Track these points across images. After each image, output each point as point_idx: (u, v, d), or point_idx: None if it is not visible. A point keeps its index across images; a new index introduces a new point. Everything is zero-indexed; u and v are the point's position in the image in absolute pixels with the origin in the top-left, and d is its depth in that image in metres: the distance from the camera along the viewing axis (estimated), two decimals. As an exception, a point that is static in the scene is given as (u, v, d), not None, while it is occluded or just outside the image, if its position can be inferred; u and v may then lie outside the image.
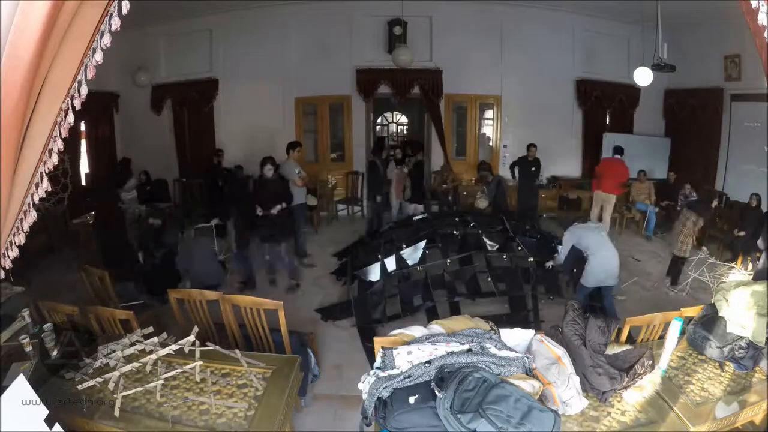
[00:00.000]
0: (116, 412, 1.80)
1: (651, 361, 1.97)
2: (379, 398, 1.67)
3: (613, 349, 2.10)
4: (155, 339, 2.09)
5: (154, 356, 1.98)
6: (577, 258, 3.79)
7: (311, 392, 2.87)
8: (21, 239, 1.32)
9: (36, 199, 1.28)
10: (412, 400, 1.63)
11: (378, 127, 11.87)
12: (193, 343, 1.97)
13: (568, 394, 1.77)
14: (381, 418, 1.66)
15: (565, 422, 1.73)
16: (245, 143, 7.09)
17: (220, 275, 4.54)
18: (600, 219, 6.02)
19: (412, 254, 4.30)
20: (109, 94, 7.18)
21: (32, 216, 1.30)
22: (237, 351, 2.09)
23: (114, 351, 2.09)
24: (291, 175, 4.77)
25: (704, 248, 5.21)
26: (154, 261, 4.17)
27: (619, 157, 5.86)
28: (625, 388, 1.89)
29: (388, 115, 12.37)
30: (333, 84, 7.03)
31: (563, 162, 7.38)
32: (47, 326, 2.22)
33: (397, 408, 1.62)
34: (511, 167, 6.40)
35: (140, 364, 1.97)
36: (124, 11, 1.13)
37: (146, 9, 5.58)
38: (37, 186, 1.26)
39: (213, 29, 7.02)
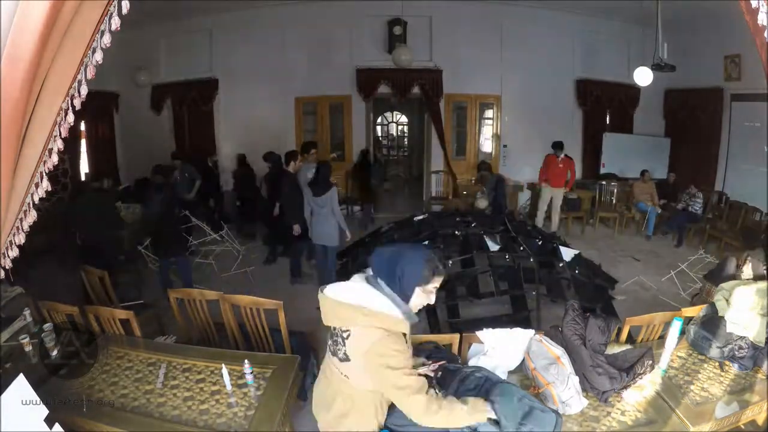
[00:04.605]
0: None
1: (651, 361, 1.96)
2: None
3: (613, 349, 2.09)
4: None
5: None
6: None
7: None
8: (21, 239, 1.32)
9: (36, 198, 1.28)
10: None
11: (378, 127, 11.89)
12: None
13: (568, 394, 1.77)
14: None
15: (565, 422, 1.73)
16: (245, 143, 7.09)
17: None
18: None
19: None
20: (109, 94, 7.19)
21: (32, 216, 1.30)
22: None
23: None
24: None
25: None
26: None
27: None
28: (625, 388, 1.89)
29: (388, 114, 12.40)
30: (333, 84, 7.03)
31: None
32: (47, 326, 2.22)
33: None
34: None
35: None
36: (124, 11, 1.14)
37: (146, 9, 5.59)
38: (37, 186, 1.26)
39: (213, 29, 7.03)
